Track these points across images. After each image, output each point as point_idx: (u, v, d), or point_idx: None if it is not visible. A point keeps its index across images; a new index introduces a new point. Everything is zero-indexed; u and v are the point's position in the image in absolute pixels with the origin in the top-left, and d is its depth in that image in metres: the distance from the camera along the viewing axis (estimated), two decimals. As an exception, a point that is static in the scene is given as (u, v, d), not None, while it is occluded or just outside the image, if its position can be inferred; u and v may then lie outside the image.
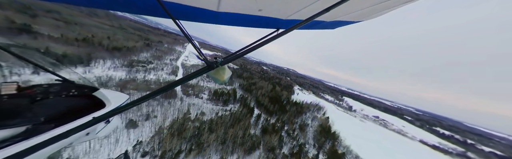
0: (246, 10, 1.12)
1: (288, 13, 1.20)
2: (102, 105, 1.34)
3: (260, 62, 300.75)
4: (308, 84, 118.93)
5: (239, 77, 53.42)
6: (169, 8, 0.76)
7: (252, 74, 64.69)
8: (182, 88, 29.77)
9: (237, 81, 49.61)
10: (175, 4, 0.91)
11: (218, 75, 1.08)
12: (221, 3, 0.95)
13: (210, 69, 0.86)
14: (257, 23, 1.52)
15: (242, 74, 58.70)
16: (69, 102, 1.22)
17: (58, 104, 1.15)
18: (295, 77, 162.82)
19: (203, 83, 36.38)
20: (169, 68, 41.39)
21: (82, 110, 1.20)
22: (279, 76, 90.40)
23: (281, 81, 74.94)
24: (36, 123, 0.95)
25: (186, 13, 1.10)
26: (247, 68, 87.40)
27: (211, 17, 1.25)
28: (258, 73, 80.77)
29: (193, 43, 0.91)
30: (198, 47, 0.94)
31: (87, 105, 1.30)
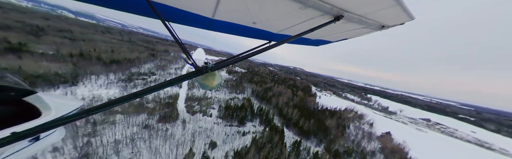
0: (241, 21, 1.13)
1: (280, 28, 1.25)
2: (34, 115, 0.90)
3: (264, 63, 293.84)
4: (322, 83, 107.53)
5: (251, 82, 46.22)
6: (161, 9, 0.73)
7: (263, 78, 57.87)
8: (187, 103, 23.55)
9: (249, 86, 42.73)
10: (168, 7, 0.86)
11: (207, 81, 0.97)
12: (217, 12, 0.96)
13: (198, 74, 0.78)
14: (251, 34, 1.53)
15: (252, 78, 52.50)
16: None
17: None
18: (305, 76, 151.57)
19: (211, 94, 30.70)
20: None
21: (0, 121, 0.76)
22: (291, 77, 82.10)
23: (296, 82, 67.00)
24: None
25: (179, 17, 1.07)
26: (255, 71, 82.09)
27: (205, 23, 1.22)
28: (268, 75, 74.28)
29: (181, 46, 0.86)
30: (186, 49, 0.87)
31: (6, 115, 0.85)
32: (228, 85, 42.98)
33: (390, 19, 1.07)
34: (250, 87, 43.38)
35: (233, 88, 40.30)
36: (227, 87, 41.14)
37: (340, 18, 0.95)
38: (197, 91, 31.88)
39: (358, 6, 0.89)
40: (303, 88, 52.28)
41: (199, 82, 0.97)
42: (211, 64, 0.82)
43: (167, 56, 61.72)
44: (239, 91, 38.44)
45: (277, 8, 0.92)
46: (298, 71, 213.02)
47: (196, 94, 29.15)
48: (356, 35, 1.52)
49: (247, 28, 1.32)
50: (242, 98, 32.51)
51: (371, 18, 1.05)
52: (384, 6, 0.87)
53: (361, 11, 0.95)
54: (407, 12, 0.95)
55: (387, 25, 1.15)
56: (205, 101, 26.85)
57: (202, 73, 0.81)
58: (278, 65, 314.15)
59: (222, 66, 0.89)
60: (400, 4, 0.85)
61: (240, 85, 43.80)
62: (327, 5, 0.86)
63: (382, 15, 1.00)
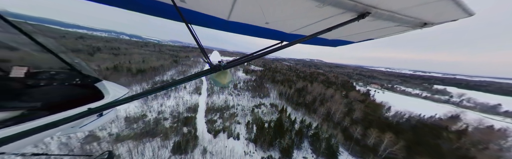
0: (254, 21, 1.11)
1: (293, 28, 1.19)
2: (100, 97, 1.16)
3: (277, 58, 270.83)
4: (355, 74, 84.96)
5: (274, 82, 38.51)
6: (185, 13, 0.82)
7: (286, 75, 48.66)
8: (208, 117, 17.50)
9: (273, 87, 35.44)
10: (191, 11, 0.94)
11: (220, 79, 1.05)
12: (232, 13, 0.96)
13: (213, 71, 0.84)
14: (263, 34, 1.45)
15: (274, 77, 43.70)
16: (70, 90, 1.12)
17: (59, 91, 1.06)
18: (328, 67, 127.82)
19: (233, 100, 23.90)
20: (192, 84, 33.09)
21: (80, 100, 1.05)
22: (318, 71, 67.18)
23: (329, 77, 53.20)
24: (32, 108, 0.85)
25: (200, 19, 1.11)
26: (272, 67, 71.10)
27: (222, 25, 1.22)
28: (289, 71, 63.62)
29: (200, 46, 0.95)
30: (204, 49, 0.96)
31: (86, 95, 1.13)
32: (248, 86, 36.56)
33: (437, 15, 0.81)
34: (275, 88, 35.09)
35: (254, 90, 33.50)
36: (248, 89, 34.68)
37: (365, 16, 0.80)
38: (217, 97, 26.99)
39: (391, 1, 0.70)
40: (342, 84, 38.24)
41: (213, 79, 1.02)
42: (224, 63, 0.85)
43: (188, 61, 62.54)
44: (263, 94, 31.09)
45: (291, 7, 0.83)
46: (318, 63, 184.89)
47: (216, 102, 24.15)
48: (385, 35, 1.25)
49: (260, 28, 1.24)
50: (270, 104, 25.27)
51: (409, 15, 0.83)
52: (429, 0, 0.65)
53: (395, 6, 0.76)
54: (463, 7, 0.69)
55: (432, 22, 0.90)
56: (228, 112, 21.16)
57: (216, 71, 0.84)
58: (292, 59, 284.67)
59: (233, 65, 0.90)
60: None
61: (262, 86, 36.42)
62: (350, 2, 0.73)
63: (425, 10, 0.77)
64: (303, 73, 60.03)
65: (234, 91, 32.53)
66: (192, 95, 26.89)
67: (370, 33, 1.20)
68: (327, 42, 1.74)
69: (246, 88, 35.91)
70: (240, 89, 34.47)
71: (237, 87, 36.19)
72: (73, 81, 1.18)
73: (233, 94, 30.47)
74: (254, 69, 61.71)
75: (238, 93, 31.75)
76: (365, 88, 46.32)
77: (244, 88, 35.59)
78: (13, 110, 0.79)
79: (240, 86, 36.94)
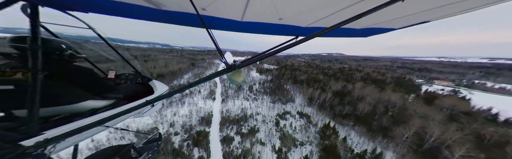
0: (267, 19, 1.06)
1: (310, 21, 1.09)
2: (152, 92, 1.52)
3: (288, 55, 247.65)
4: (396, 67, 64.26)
5: (297, 83, 30.14)
6: (205, 20, 0.85)
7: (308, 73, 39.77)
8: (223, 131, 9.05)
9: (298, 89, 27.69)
10: (210, 17, 0.99)
11: (235, 77, 1.10)
12: (246, 14, 0.94)
13: (229, 70, 0.89)
14: (277, 31, 1.36)
15: (294, 76, 35.35)
16: (136, 87, 1.51)
17: (131, 87, 1.45)
18: (355, 61, 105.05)
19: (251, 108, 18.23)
20: (207, 88, 27.88)
21: (142, 94, 1.43)
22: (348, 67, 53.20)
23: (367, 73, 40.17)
24: (118, 98, 1.18)
25: (217, 24, 1.15)
26: (288, 65, 61.21)
27: (236, 26, 1.22)
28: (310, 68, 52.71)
29: (218, 48, 1.00)
30: (221, 51, 1.01)
31: (144, 91, 1.52)
32: (265, 88, 31.12)
33: None
34: (300, 91, 27.93)
35: (273, 93, 27.72)
36: (265, 92, 29.20)
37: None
38: (232, 103, 22.97)
39: None
40: (396, 82, 26.00)
41: (229, 77, 1.09)
42: (238, 63, 0.88)
43: (203, 64, 63.36)
44: (286, 99, 24.92)
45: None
46: (339, 57, 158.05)
47: (232, 109, 20.14)
48: (452, 13, 0.91)
49: (273, 25, 1.17)
50: (297, 113, 18.97)
51: None
52: None
53: None
54: None
55: None
56: (246, 124, 16.58)
57: (231, 70, 0.88)
58: (307, 55, 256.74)
59: (247, 64, 0.91)
60: None
61: (281, 87, 30.16)
62: None
63: None
64: (330, 70, 48.46)
65: (250, 95, 27.83)
66: (206, 101, 23.96)
67: (423, 14, 0.88)
68: (355, 33, 1.38)
69: (263, 90, 30.60)
70: (256, 92, 29.43)
71: (253, 89, 31.37)
72: (137, 80, 1.55)
73: (249, 98, 25.80)
74: (269, 68, 55.25)
75: (255, 96, 26.85)
76: (429, 86, 31.33)
77: (261, 91, 30.36)
78: (110, 99, 1.10)
79: (256, 88, 31.91)
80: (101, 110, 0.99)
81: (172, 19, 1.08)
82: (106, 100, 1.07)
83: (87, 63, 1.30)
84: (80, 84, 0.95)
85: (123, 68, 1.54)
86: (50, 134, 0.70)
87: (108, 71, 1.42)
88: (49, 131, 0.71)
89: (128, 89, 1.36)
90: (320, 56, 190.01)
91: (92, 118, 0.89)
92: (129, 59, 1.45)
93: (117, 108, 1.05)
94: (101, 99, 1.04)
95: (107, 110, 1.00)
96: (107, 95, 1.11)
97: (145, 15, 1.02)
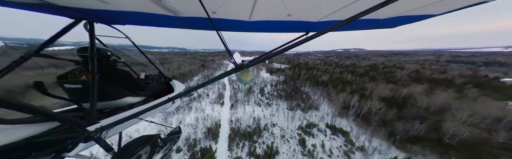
0: (275, 16, 1.02)
1: (322, 14, 1.00)
2: (172, 90, 1.70)
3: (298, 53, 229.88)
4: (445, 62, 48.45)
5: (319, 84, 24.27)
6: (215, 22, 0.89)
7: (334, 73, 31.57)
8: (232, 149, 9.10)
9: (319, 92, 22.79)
10: (219, 19, 1.02)
11: (244, 77, 1.12)
12: (253, 13, 0.93)
13: (237, 70, 0.91)
14: (286, 28, 1.33)
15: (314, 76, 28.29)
16: (160, 86, 1.70)
17: (156, 86, 1.64)
18: (383, 57, 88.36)
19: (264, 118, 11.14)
20: (215, 91, 27.09)
21: (164, 92, 1.62)
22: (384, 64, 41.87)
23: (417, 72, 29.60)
24: (147, 95, 1.36)
25: (226, 25, 1.17)
26: (301, 64, 53.18)
27: (244, 26, 1.23)
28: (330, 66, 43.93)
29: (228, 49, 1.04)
30: (230, 51, 1.05)
31: (166, 89, 1.71)
32: (279, 91, 26.66)
33: None
34: (323, 95, 22.27)
35: (289, 97, 23.05)
36: (279, 96, 24.75)
37: None
38: (242, 110, 19.59)
39: None
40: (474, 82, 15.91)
41: (237, 77, 1.11)
42: (246, 62, 0.89)
43: (213, 65, 63.18)
44: (307, 105, 19.95)
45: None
46: (359, 53, 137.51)
47: (242, 118, 16.84)
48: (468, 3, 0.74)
49: (282, 22, 1.12)
50: (329, 127, 13.45)
51: None
52: None
53: None
54: None
55: None
56: (261, 140, 12.89)
57: (240, 69, 0.90)
58: (319, 52, 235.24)
59: (255, 63, 0.91)
60: None
61: (299, 90, 25.10)
62: None
63: None
64: (357, 67, 39.73)
65: (262, 99, 24.01)
66: (214, 106, 21.44)
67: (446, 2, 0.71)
68: (379, 24, 1.17)
69: (276, 93, 26.23)
70: (269, 96, 25.21)
71: (264, 91, 27.35)
72: (161, 80, 1.80)
73: (261, 103, 22.02)
74: (280, 68, 50.03)
75: (268, 101, 22.85)
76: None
77: (274, 94, 26.02)
78: (142, 96, 1.28)
79: (268, 91, 27.78)
80: (136, 105, 1.21)
81: (187, 24, 1.14)
82: (139, 96, 1.28)
83: (125, 66, 1.48)
84: (121, 84, 1.16)
85: (150, 70, 1.81)
86: (104, 122, 0.88)
87: (139, 72, 1.81)
88: (103, 120, 0.89)
89: (154, 88, 1.59)
90: (335, 53, 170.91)
91: (130, 111, 1.08)
92: (154, 62, 1.63)
93: (147, 104, 1.25)
94: (135, 96, 1.25)
95: (140, 105, 1.21)
96: (140, 92, 1.31)
97: (167, 22, 1.11)
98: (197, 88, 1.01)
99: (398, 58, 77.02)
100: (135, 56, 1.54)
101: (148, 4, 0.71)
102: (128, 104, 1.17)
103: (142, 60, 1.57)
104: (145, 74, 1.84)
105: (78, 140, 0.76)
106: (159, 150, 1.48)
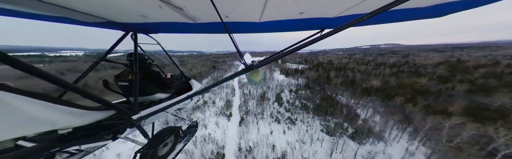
0: (286, 15, 1.00)
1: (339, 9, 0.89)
2: (190, 89, 1.88)
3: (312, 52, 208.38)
4: None
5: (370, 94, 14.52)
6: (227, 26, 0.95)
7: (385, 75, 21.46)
8: None
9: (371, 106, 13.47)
10: (230, 23, 1.06)
11: (253, 77, 1.15)
12: (264, 14, 0.93)
13: (247, 70, 0.94)
14: (298, 27, 1.30)
15: (353, 81, 20.42)
16: (182, 84, 1.92)
17: (179, 85, 1.85)
18: (438, 52, 65.99)
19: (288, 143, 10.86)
20: (223, 97, 22.11)
21: (185, 90, 1.81)
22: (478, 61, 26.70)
23: None
24: (172, 93, 1.55)
25: (237, 28, 1.24)
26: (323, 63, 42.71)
27: (254, 27, 1.27)
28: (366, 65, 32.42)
29: (238, 50, 1.11)
30: (241, 53, 1.12)
31: (186, 87, 1.91)
32: (301, 100, 18.87)
33: None
34: (389, 113, 11.70)
35: (320, 111, 14.73)
36: (304, 107, 16.81)
37: None
38: (254, 128, 13.59)
39: None
40: None
41: (247, 77, 1.15)
42: (256, 63, 0.91)
43: (224, 66, 60.93)
44: (360, 130, 11.38)
45: None
46: (395, 49, 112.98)
47: (256, 143, 10.76)
48: None
49: (294, 21, 1.08)
50: None
51: None
52: None
53: None
54: None
55: None
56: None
57: (250, 70, 0.93)
58: (339, 50, 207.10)
59: (265, 63, 0.91)
60: None
61: (334, 102, 16.15)
62: None
63: None
64: (418, 67, 27.02)
65: (280, 110, 17.26)
66: (219, 119, 16.50)
67: None
68: (418, 13, 0.90)
69: (299, 103, 18.51)
70: (290, 106, 17.83)
71: (282, 99, 20.35)
72: (182, 79, 1.98)
73: (280, 117, 15.31)
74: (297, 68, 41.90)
75: (290, 115, 15.96)
76: None
77: (296, 104, 18.40)
78: (168, 93, 1.47)
79: (287, 99, 20.64)
80: (164, 100, 1.39)
81: (203, 29, 1.24)
82: (166, 93, 1.45)
83: (156, 68, 1.63)
84: (154, 82, 1.38)
85: (173, 71, 2.05)
86: (142, 113, 1.04)
87: (167, 73, 1.96)
88: (142, 111, 1.05)
89: (177, 86, 1.77)
90: (359, 50, 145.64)
91: (160, 105, 1.24)
92: (178, 64, 1.86)
93: (172, 100, 1.41)
94: (164, 93, 1.43)
95: (167, 101, 1.38)
96: (167, 90, 1.49)
97: (188, 29, 1.25)
98: (210, 87, 1.09)
99: (468, 53, 54.72)
100: (163, 59, 1.77)
101: (174, 14, 0.84)
102: (158, 99, 1.38)
103: (170, 63, 1.80)
104: (171, 74, 2.01)
105: (126, 126, 0.97)
106: (181, 140, 1.53)
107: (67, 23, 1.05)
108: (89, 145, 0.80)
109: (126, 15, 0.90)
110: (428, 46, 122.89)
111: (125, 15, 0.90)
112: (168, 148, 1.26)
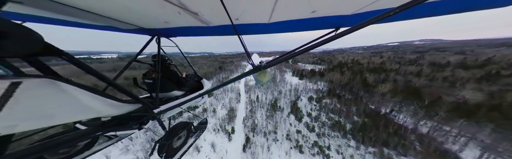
0: (296, 15, 0.94)
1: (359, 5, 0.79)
2: (202, 87, 2.06)
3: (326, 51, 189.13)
4: None
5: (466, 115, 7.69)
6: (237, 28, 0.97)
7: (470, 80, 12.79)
8: None
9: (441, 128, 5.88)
10: (240, 25, 1.10)
11: (261, 78, 1.15)
12: (273, 15, 0.91)
13: (255, 71, 0.96)
14: (310, 26, 1.23)
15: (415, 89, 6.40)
16: (195, 83, 2.11)
17: (192, 83, 2.05)
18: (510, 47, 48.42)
19: None
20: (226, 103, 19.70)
21: (197, 88, 1.98)
22: None
23: None
24: (186, 91, 1.73)
25: (246, 29, 1.28)
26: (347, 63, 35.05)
27: (263, 28, 1.29)
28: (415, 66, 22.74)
29: (247, 51, 1.12)
30: (249, 53, 1.13)
31: (198, 86, 2.08)
32: (328, 113, 13.05)
33: None
34: None
35: (361, 138, 8.76)
36: (337, 125, 11.20)
37: None
38: (264, 157, 9.08)
39: None
40: None
41: (255, 78, 1.18)
42: (264, 64, 0.92)
43: (231, 66, 58.50)
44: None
45: None
46: (438, 45, 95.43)
47: None
48: None
49: (305, 20, 1.02)
50: None
51: None
52: None
53: None
54: None
55: None
56: None
57: (258, 70, 0.94)
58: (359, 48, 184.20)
59: (272, 64, 0.92)
60: None
61: (393, 125, 9.44)
62: None
63: None
64: None
65: (300, 129, 11.77)
66: (217, 139, 12.01)
67: None
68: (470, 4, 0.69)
69: (326, 118, 12.93)
70: (312, 121, 12.61)
71: (302, 111, 14.67)
72: (195, 79, 2.15)
73: (303, 144, 9.67)
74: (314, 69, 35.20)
75: (316, 139, 10.26)
76: None
77: (322, 118, 12.93)
78: (183, 91, 1.65)
79: (308, 111, 14.94)
80: (179, 97, 1.52)
81: (215, 31, 1.31)
82: (181, 91, 1.62)
83: (174, 68, 1.85)
84: (172, 80, 1.54)
85: (187, 70, 2.25)
86: (162, 108, 1.18)
87: (182, 72, 2.14)
88: (161, 106, 1.18)
89: (190, 85, 1.96)
90: (385, 48, 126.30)
91: (176, 102, 1.37)
92: (192, 64, 2.03)
93: (186, 97, 1.54)
94: (179, 90, 1.59)
95: (182, 98, 1.51)
96: (182, 88, 1.65)
97: (201, 32, 1.34)
98: (219, 87, 1.17)
99: None
100: (181, 59, 1.96)
101: (191, 19, 0.92)
102: (175, 96, 1.54)
103: (185, 63, 1.98)
104: (186, 74, 2.17)
105: (149, 118, 1.10)
106: (192, 135, 1.64)
107: (112, 30, 1.26)
108: (122, 132, 0.99)
109: (152, 22, 1.02)
110: (497, 40, 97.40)
111: (152, 22, 1.02)
112: (181, 141, 1.40)
